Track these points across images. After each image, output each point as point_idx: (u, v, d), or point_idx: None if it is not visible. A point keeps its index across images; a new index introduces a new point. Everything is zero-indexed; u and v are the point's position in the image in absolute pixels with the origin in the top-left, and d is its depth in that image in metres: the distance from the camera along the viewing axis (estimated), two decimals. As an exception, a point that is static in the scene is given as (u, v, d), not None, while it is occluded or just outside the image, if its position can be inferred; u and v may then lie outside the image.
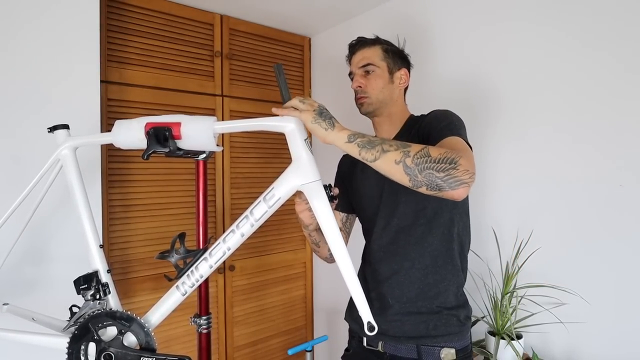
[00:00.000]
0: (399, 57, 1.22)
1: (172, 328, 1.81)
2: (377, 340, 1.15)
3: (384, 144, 0.85)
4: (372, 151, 0.84)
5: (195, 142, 0.91)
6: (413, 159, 0.81)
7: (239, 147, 2.07)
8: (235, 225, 0.90)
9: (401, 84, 1.21)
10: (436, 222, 1.11)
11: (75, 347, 0.89)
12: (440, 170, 0.80)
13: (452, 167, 0.81)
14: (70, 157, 1.01)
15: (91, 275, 0.96)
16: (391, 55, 1.20)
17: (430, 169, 0.80)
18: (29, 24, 1.35)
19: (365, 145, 0.85)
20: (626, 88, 1.20)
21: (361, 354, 1.20)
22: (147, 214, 1.78)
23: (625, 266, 1.21)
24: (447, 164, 0.81)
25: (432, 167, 0.80)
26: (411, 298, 1.11)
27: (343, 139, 0.87)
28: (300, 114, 0.87)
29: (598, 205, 1.26)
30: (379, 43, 1.21)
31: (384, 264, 1.16)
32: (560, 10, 1.34)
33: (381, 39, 1.24)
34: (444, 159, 0.81)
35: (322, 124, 0.87)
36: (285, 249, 2.26)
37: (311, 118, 0.87)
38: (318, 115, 0.87)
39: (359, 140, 0.86)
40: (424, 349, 1.08)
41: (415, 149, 0.83)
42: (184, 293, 0.92)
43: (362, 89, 1.18)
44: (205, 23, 1.95)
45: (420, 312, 1.10)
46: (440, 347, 1.07)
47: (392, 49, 1.22)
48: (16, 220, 1.06)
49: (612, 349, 1.24)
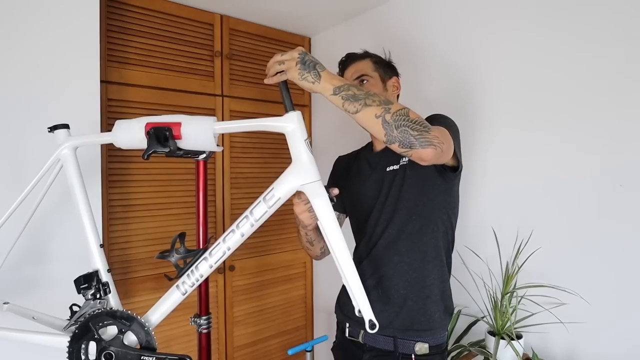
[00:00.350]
0: (388, 67, 1.29)
1: (172, 328, 1.81)
2: (358, 331, 1.21)
3: (367, 99, 0.88)
4: (354, 104, 0.88)
5: (196, 142, 0.91)
6: (392, 115, 0.87)
7: (239, 147, 2.07)
8: (235, 225, 0.90)
9: (394, 91, 1.28)
10: (428, 219, 1.16)
11: (76, 346, 0.89)
12: (415, 129, 0.87)
13: (425, 130, 0.88)
14: (71, 156, 1.01)
15: (91, 275, 0.96)
16: (381, 67, 1.26)
17: (406, 126, 0.87)
18: (29, 24, 1.35)
19: (349, 98, 0.88)
20: (626, 88, 1.20)
21: (344, 344, 1.27)
22: (147, 214, 1.78)
23: (625, 266, 1.21)
24: (421, 126, 0.88)
25: (408, 125, 0.87)
26: (398, 290, 1.16)
27: (329, 90, 0.88)
28: (286, 74, 0.89)
29: (598, 205, 1.26)
30: (368, 56, 1.27)
31: (374, 257, 1.20)
32: (553, 9, 1.34)
33: (369, 52, 1.30)
34: (420, 122, 0.89)
35: (308, 77, 0.88)
36: (285, 249, 2.26)
37: (297, 75, 0.88)
38: (302, 68, 0.88)
39: (344, 93, 0.88)
40: (400, 342, 1.13)
41: (396, 107, 0.88)
42: (184, 292, 0.92)
43: None
44: (205, 23, 1.95)
45: (405, 304, 1.14)
46: (415, 341, 1.13)
47: (380, 61, 1.28)
48: (16, 220, 1.06)
49: (612, 348, 1.24)
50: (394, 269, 1.16)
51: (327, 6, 1.96)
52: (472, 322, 1.53)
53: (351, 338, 1.24)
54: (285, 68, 0.89)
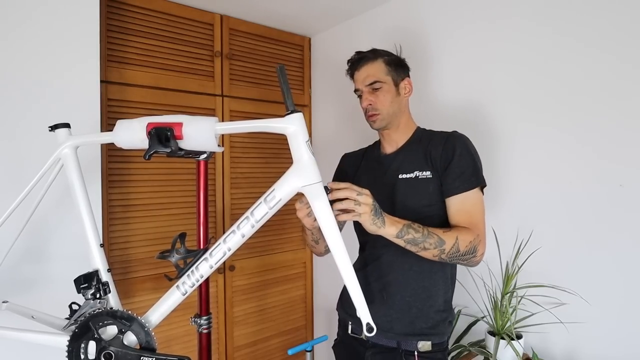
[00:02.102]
0: (401, 66, 1.25)
1: (173, 328, 1.81)
2: (361, 328, 1.17)
3: (425, 242, 1.01)
4: (415, 247, 1.01)
5: (197, 142, 0.91)
6: (447, 254, 1.03)
7: (240, 148, 2.07)
8: (236, 226, 0.90)
9: (406, 94, 1.25)
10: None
11: (76, 345, 0.89)
12: (465, 260, 1.06)
13: (473, 256, 1.06)
14: (71, 156, 1.01)
15: (91, 274, 0.96)
16: (394, 67, 1.22)
17: (457, 259, 1.05)
18: (29, 24, 1.34)
19: (410, 241, 1.00)
20: (625, 88, 1.20)
21: (347, 341, 1.27)
22: (148, 214, 1.78)
23: (625, 266, 1.21)
24: (470, 254, 1.05)
25: (460, 258, 1.05)
26: (404, 297, 1.16)
27: (392, 235, 0.98)
28: (359, 216, 0.93)
29: (598, 205, 1.26)
30: (380, 56, 1.22)
31: (382, 263, 1.20)
32: (558, 10, 1.34)
33: (380, 50, 1.25)
34: (469, 250, 1.05)
35: (377, 223, 0.96)
36: (285, 249, 2.26)
37: (370, 220, 0.94)
38: (375, 215, 0.95)
39: (405, 237, 0.99)
40: (403, 339, 1.14)
41: (449, 246, 1.02)
42: (184, 293, 0.92)
43: (372, 106, 1.21)
44: (205, 23, 1.95)
45: (409, 311, 1.15)
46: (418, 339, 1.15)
47: (393, 60, 1.23)
48: (16, 219, 1.06)
49: (612, 348, 1.24)
50: (403, 276, 1.16)
51: (327, 6, 1.96)
52: (472, 322, 1.53)
53: (354, 335, 1.24)
54: (360, 211, 0.92)
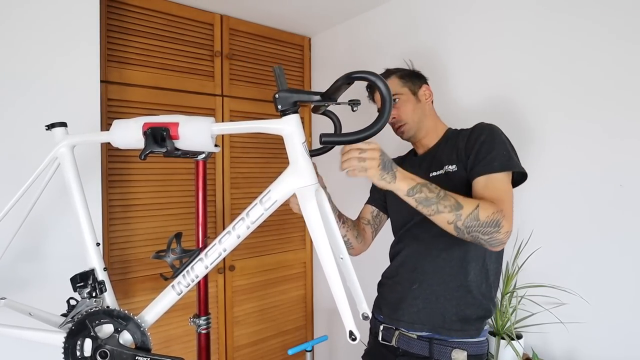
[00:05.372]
0: (416, 76, 1.26)
1: (172, 328, 1.81)
2: (392, 334, 1.16)
3: (439, 203, 0.92)
4: (427, 208, 0.93)
5: (193, 142, 0.91)
6: (464, 221, 0.92)
7: (239, 147, 2.07)
8: (232, 226, 0.90)
9: (427, 99, 1.25)
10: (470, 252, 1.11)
11: (72, 342, 0.89)
12: (486, 233, 0.93)
13: (496, 231, 0.93)
14: (68, 155, 1.01)
15: (87, 273, 0.96)
16: (408, 79, 1.24)
17: (477, 231, 0.93)
18: (29, 24, 1.35)
19: (422, 201, 0.93)
20: (625, 87, 1.20)
21: (376, 350, 1.22)
22: (147, 214, 1.78)
23: (625, 266, 1.20)
24: (492, 227, 0.93)
25: (479, 230, 0.93)
26: (432, 285, 1.12)
27: (403, 191, 0.93)
28: (366, 172, 0.90)
29: (598, 205, 1.26)
30: (392, 74, 1.25)
31: (410, 254, 1.19)
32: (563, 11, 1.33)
33: (392, 69, 1.28)
34: (490, 222, 0.93)
35: (387, 178, 0.91)
36: (285, 249, 2.26)
37: (378, 175, 0.90)
38: (383, 169, 0.90)
39: (417, 196, 0.92)
40: (436, 347, 1.08)
41: (467, 211, 0.92)
42: (179, 293, 0.92)
43: (397, 119, 1.22)
44: (205, 23, 1.95)
45: (437, 302, 1.10)
46: (452, 347, 1.07)
47: (406, 73, 1.26)
48: (13, 218, 1.06)
49: (612, 349, 1.23)
50: (430, 264, 1.13)
51: (327, 6, 1.95)
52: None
53: (384, 342, 1.19)
54: (367, 166, 0.90)
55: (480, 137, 1.09)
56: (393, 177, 0.91)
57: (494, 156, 1.04)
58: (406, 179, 0.93)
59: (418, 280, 1.14)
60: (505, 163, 1.03)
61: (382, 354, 1.19)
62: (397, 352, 1.15)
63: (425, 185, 0.93)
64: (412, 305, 1.12)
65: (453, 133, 1.23)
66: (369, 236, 1.36)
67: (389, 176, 0.91)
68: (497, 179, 1.02)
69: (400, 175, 0.92)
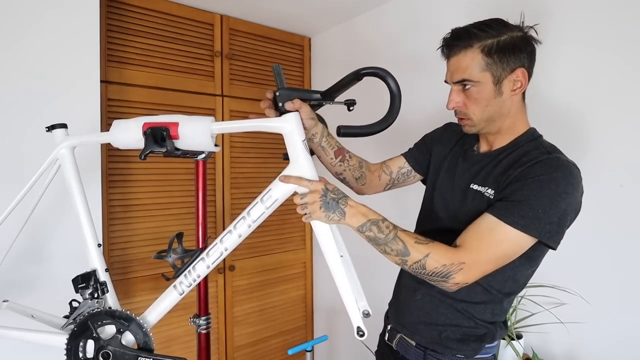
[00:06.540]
0: (511, 53, 0.89)
1: (173, 328, 1.81)
2: (394, 336, 1.12)
3: (387, 246, 0.87)
4: (377, 247, 0.88)
5: (193, 142, 0.91)
6: (410, 267, 0.87)
7: (239, 147, 2.07)
8: (233, 225, 0.90)
9: (514, 91, 0.91)
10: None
11: (74, 343, 0.89)
12: (432, 281, 0.87)
13: (444, 281, 0.85)
14: (68, 156, 1.01)
15: (89, 274, 0.96)
16: (496, 59, 0.88)
17: (424, 277, 0.87)
18: (30, 24, 1.35)
19: (371, 240, 0.88)
20: (625, 87, 1.20)
21: (382, 348, 1.20)
22: (147, 214, 1.78)
23: (625, 266, 1.21)
24: (439, 277, 0.85)
25: (426, 277, 0.87)
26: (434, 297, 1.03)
27: (353, 226, 0.88)
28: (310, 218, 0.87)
29: (598, 205, 1.26)
30: (476, 41, 0.89)
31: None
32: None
33: (479, 31, 0.89)
34: (438, 273, 0.85)
35: (334, 217, 0.87)
36: (285, 249, 2.26)
37: (323, 217, 0.86)
38: (327, 209, 0.86)
39: (367, 234, 0.88)
40: (430, 356, 1.02)
41: (413, 259, 0.85)
42: (181, 293, 0.92)
43: (459, 110, 0.96)
44: (205, 23, 1.95)
45: (438, 318, 1.03)
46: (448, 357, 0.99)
47: (497, 47, 0.88)
48: (15, 219, 1.06)
49: (612, 349, 1.23)
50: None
51: (327, 6, 1.95)
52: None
53: (388, 343, 1.15)
54: (309, 212, 0.87)
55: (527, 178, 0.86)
56: (342, 215, 0.86)
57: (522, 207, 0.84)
58: (356, 215, 0.87)
59: (420, 292, 1.05)
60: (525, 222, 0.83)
61: (386, 354, 1.18)
62: (397, 355, 1.13)
63: (376, 224, 0.87)
64: (414, 315, 1.07)
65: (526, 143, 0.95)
66: (378, 184, 1.20)
67: (336, 215, 0.86)
68: (499, 231, 0.84)
69: (351, 212, 0.87)
